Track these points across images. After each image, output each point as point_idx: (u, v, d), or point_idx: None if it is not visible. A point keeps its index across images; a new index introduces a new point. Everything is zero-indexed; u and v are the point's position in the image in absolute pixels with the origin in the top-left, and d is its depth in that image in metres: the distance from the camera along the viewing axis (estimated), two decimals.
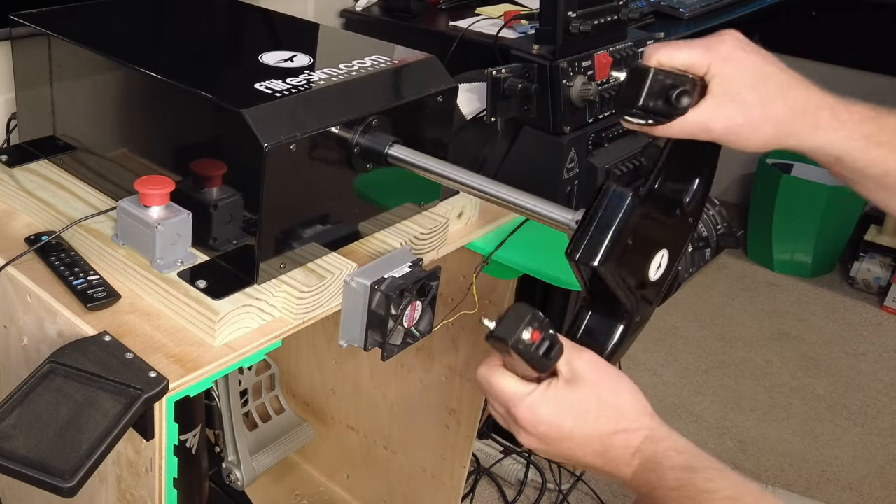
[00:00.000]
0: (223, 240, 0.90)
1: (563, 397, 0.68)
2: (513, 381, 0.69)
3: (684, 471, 0.65)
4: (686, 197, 0.75)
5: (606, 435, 0.68)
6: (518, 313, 0.65)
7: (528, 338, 0.65)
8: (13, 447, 0.68)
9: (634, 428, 0.68)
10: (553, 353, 0.67)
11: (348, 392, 1.61)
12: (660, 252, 0.73)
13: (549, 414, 0.68)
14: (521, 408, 0.68)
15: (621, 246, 0.67)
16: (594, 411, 0.68)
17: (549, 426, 0.68)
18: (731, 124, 0.67)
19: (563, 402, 0.68)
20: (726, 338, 2.47)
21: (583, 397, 0.68)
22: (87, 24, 1.09)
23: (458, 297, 1.15)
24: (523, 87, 1.16)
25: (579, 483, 1.86)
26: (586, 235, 0.68)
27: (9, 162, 1.07)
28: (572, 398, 0.68)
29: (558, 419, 0.68)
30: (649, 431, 0.68)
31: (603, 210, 0.68)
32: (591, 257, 0.67)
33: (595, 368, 0.69)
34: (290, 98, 0.85)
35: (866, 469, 2.02)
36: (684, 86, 0.66)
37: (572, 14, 1.15)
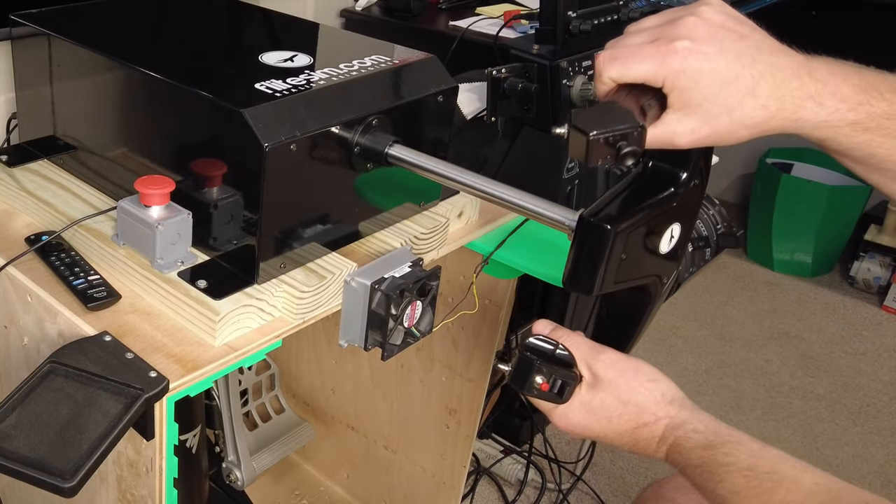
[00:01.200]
0: (223, 240, 0.90)
1: (587, 403, 0.78)
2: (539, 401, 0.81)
3: (704, 449, 0.72)
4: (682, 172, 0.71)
5: (630, 430, 0.77)
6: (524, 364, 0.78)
7: (539, 384, 0.78)
8: (13, 447, 0.68)
9: (654, 420, 0.76)
10: (566, 393, 0.79)
11: (348, 392, 1.61)
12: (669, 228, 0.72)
13: (579, 419, 0.79)
14: (554, 417, 0.80)
15: (614, 266, 0.69)
16: (616, 411, 0.77)
17: (582, 429, 0.79)
18: (697, 137, 0.63)
19: (588, 408, 0.78)
20: (726, 337, 2.47)
21: (605, 399, 0.78)
22: (87, 24, 1.09)
23: (459, 297, 1.15)
24: (523, 87, 1.16)
25: (579, 483, 1.86)
26: (578, 268, 0.70)
27: (9, 162, 1.07)
28: (595, 402, 0.78)
29: (587, 423, 0.78)
30: (669, 419, 0.76)
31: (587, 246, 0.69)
32: (589, 289, 0.70)
33: (612, 367, 0.78)
34: (290, 98, 0.85)
35: (866, 468, 2.02)
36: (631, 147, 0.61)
37: (572, 14, 1.15)
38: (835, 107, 0.62)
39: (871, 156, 0.65)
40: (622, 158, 0.60)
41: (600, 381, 0.79)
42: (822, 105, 0.62)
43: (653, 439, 0.77)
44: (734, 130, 0.62)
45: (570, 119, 0.62)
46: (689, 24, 0.62)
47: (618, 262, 0.68)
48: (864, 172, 0.68)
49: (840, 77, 0.62)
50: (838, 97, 0.62)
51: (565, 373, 0.79)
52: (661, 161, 0.70)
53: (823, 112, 0.62)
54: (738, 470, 0.69)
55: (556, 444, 1.88)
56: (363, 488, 1.67)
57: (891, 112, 0.63)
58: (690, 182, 0.70)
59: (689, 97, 0.62)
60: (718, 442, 0.72)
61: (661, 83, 0.62)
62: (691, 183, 0.70)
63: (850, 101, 0.62)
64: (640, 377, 0.78)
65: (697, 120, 0.62)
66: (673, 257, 0.74)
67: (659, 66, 0.62)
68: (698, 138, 0.63)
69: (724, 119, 0.62)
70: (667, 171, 0.70)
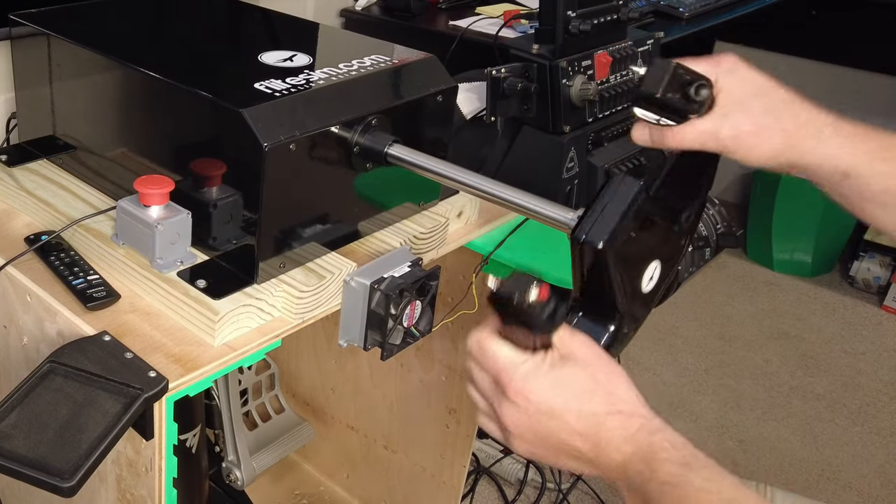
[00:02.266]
0: (223, 239, 0.90)
1: (557, 371, 0.65)
2: (507, 347, 0.65)
3: (681, 466, 0.61)
4: (683, 214, 0.76)
5: (601, 414, 0.64)
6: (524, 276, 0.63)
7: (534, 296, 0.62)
8: (13, 447, 0.68)
9: (629, 413, 0.64)
10: (557, 318, 0.64)
11: (348, 392, 1.61)
12: (653, 263, 0.74)
13: (544, 386, 0.64)
14: (516, 377, 0.64)
15: (626, 233, 0.68)
16: (589, 389, 0.65)
17: (541, 399, 0.64)
18: (740, 132, 0.69)
19: (558, 376, 0.65)
20: (726, 337, 2.47)
21: (578, 374, 0.65)
22: (86, 23, 1.09)
23: (458, 296, 1.15)
24: (523, 87, 1.16)
25: (579, 483, 1.86)
26: (594, 217, 0.68)
27: (8, 162, 1.07)
28: (567, 373, 0.65)
29: (552, 392, 0.64)
30: (645, 420, 0.64)
31: (612, 195, 0.68)
32: (598, 238, 0.66)
33: (590, 349, 0.66)
34: (290, 98, 0.85)
35: (866, 468, 2.02)
36: (703, 80, 0.68)
37: (572, 13, 1.15)
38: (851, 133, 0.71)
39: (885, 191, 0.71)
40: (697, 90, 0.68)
41: (576, 356, 0.66)
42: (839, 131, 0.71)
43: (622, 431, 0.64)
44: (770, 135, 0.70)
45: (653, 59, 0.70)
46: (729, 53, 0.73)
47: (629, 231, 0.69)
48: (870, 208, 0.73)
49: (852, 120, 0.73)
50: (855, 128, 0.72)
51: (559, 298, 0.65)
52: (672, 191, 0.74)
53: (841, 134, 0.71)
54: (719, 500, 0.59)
55: None
56: (363, 488, 1.67)
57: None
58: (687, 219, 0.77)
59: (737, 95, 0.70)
60: (698, 465, 0.62)
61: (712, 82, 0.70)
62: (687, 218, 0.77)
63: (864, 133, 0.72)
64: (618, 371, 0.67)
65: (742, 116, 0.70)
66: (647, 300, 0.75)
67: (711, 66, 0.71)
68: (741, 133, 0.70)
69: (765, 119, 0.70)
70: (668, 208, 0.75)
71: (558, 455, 0.66)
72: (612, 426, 0.63)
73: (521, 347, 0.65)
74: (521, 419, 0.64)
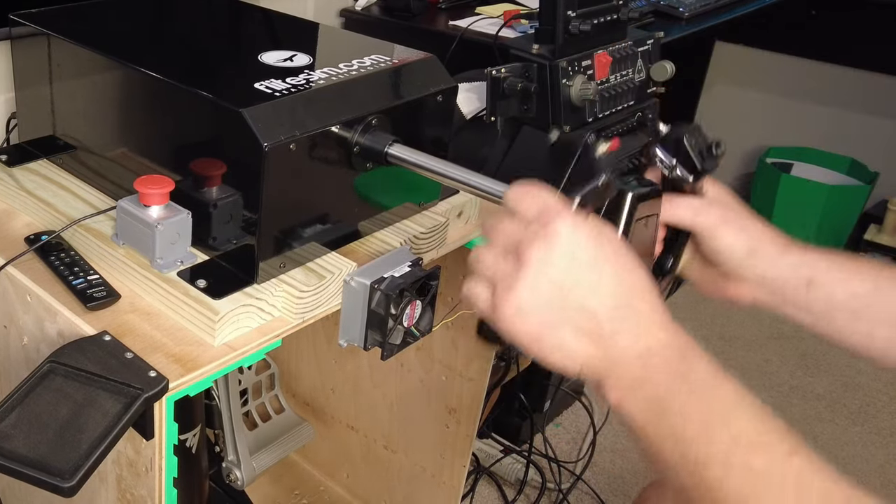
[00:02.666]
0: (223, 239, 0.90)
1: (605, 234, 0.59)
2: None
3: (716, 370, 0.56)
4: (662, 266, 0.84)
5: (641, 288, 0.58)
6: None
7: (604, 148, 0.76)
8: (13, 447, 0.68)
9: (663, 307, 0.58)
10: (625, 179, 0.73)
11: (348, 392, 1.61)
12: None
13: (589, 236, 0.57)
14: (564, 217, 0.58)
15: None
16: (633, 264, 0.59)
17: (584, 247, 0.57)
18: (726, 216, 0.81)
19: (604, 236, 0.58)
20: (726, 337, 2.47)
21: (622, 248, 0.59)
22: (86, 23, 1.09)
23: (458, 296, 1.15)
24: (523, 87, 1.16)
25: (579, 483, 1.86)
26: None
27: (8, 162, 1.07)
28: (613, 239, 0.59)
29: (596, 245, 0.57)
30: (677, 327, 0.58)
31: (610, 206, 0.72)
32: None
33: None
34: (290, 97, 0.85)
35: (866, 468, 2.02)
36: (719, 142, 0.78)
37: (572, 13, 1.15)
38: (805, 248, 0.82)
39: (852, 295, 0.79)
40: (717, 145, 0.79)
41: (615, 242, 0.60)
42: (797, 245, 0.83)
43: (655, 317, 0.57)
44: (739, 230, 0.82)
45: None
46: None
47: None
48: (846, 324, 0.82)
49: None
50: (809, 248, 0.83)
51: None
52: None
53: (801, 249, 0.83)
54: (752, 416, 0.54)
55: (556, 444, 1.88)
56: (363, 488, 1.67)
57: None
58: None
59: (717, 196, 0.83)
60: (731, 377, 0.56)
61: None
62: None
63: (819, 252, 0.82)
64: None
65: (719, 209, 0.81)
66: None
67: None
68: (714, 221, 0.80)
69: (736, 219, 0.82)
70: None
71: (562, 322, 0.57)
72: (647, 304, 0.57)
73: None
74: (552, 257, 0.57)
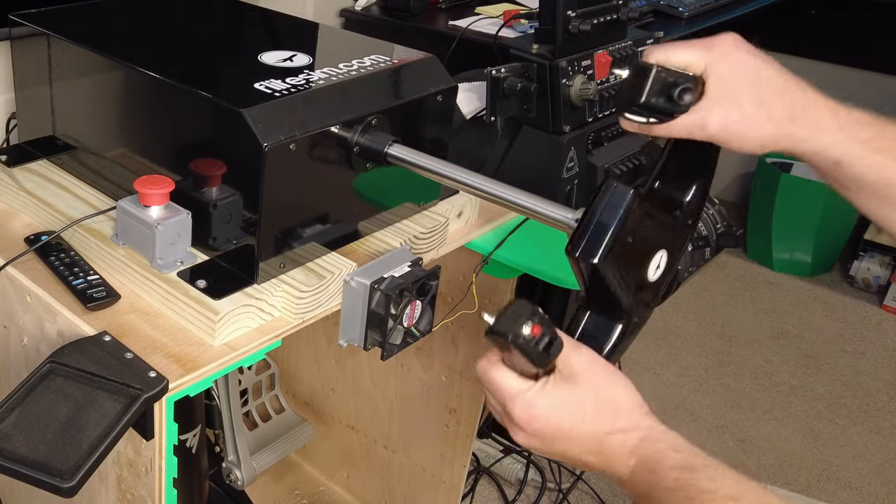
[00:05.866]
0: (223, 239, 0.90)
1: (559, 395, 0.67)
2: (511, 376, 0.68)
3: (683, 470, 0.64)
4: (685, 198, 0.75)
5: (602, 434, 0.67)
6: (518, 308, 0.64)
7: (528, 332, 0.64)
8: (13, 447, 0.68)
9: (631, 427, 0.67)
10: (553, 350, 0.66)
11: (348, 392, 1.61)
12: (659, 253, 0.73)
13: (545, 412, 0.67)
14: (518, 405, 0.67)
15: (621, 244, 0.67)
16: (590, 410, 0.67)
17: (545, 424, 0.67)
18: (728, 122, 0.67)
19: (559, 400, 0.67)
20: (726, 337, 2.47)
21: (579, 395, 0.67)
22: (86, 23, 1.09)
23: (458, 296, 1.15)
24: (523, 87, 1.16)
25: (579, 482, 1.86)
26: (587, 232, 0.67)
27: (8, 162, 1.07)
28: (569, 396, 0.67)
29: (554, 417, 0.67)
30: (646, 431, 0.67)
31: (604, 207, 0.67)
32: (591, 254, 0.67)
33: (592, 365, 0.68)
34: (290, 98, 0.85)
35: (866, 468, 2.02)
36: (686, 83, 0.66)
37: (572, 13, 1.15)
38: (846, 118, 0.68)
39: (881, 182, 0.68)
40: (681, 94, 0.66)
41: (577, 375, 0.68)
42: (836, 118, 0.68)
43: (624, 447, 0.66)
44: (759, 126, 0.67)
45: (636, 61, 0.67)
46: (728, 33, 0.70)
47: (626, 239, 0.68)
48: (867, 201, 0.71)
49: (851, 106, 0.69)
50: (852, 115, 0.68)
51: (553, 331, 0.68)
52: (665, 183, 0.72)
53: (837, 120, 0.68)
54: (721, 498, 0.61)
55: None
56: (363, 488, 1.67)
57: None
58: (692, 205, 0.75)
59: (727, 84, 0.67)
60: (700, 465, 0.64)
61: (702, 68, 0.68)
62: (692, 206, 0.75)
63: (862, 120, 0.68)
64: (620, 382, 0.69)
65: (731, 106, 0.67)
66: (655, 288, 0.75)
67: (704, 50, 0.68)
68: (729, 124, 0.67)
69: (754, 109, 0.67)
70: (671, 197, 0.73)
71: (576, 463, 0.69)
72: (614, 443, 0.66)
73: (524, 374, 0.67)
74: (531, 442, 0.68)
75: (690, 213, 0.76)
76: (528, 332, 0.64)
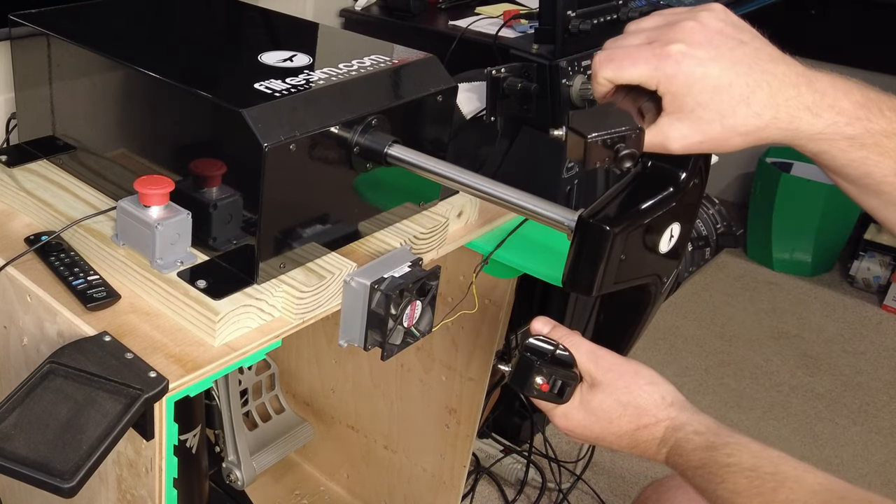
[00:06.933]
0: (223, 240, 0.90)
1: (587, 404, 0.78)
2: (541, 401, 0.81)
3: (705, 450, 0.72)
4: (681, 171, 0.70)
5: (631, 432, 0.77)
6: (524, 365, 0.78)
7: (539, 384, 0.78)
8: (13, 447, 0.68)
9: (654, 422, 0.76)
10: (566, 393, 0.79)
11: (348, 392, 1.61)
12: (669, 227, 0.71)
13: (579, 420, 0.79)
14: (555, 418, 0.81)
15: (614, 266, 0.68)
16: (616, 413, 0.77)
17: (582, 430, 0.79)
18: (689, 143, 0.63)
19: (588, 409, 0.78)
20: (726, 337, 2.47)
21: (604, 401, 0.78)
22: (86, 23, 1.09)
23: (458, 296, 1.15)
24: (523, 87, 1.16)
25: (579, 483, 1.86)
26: (577, 269, 0.69)
27: (8, 162, 1.07)
28: (595, 404, 0.78)
29: (588, 423, 0.79)
30: (669, 421, 0.76)
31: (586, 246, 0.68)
32: (588, 290, 0.70)
33: (611, 370, 0.78)
34: (290, 98, 0.85)
35: (866, 468, 2.02)
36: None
37: (572, 13, 1.15)
38: (832, 119, 0.61)
39: (866, 175, 0.63)
40: (620, 161, 0.61)
41: (599, 383, 0.79)
42: (818, 116, 0.61)
43: (653, 441, 0.77)
44: (727, 137, 0.62)
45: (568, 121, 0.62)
46: (687, 29, 0.62)
47: (617, 262, 0.68)
48: (857, 195, 0.67)
49: (841, 90, 0.61)
50: (836, 110, 0.61)
51: (565, 373, 0.79)
52: (660, 161, 0.69)
53: (819, 124, 0.61)
54: (740, 471, 0.69)
55: (556, 444, 1.88)
56: (363, 488, 1.67)
57: (890, 130, 0.61)
58: (689, 182, 0.69)
59: (682, 102, 0.61)
60: (720, 443, 0.72)
61: (655, 86, 0.62)
62: (690, 183, 0.70)
63: (848, 115, 0.61)
64: (640, 380, 0.78)
65: (689, 125, 0.62)
66: (673, 256, 0.74)
67: (653, 70, 0.62)
68: (690, 144, 0.63)
69: (717, 125, 0.61)
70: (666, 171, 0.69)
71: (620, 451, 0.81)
72: (643, 439, 0.77)
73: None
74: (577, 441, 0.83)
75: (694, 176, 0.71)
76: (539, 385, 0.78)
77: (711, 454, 0.72)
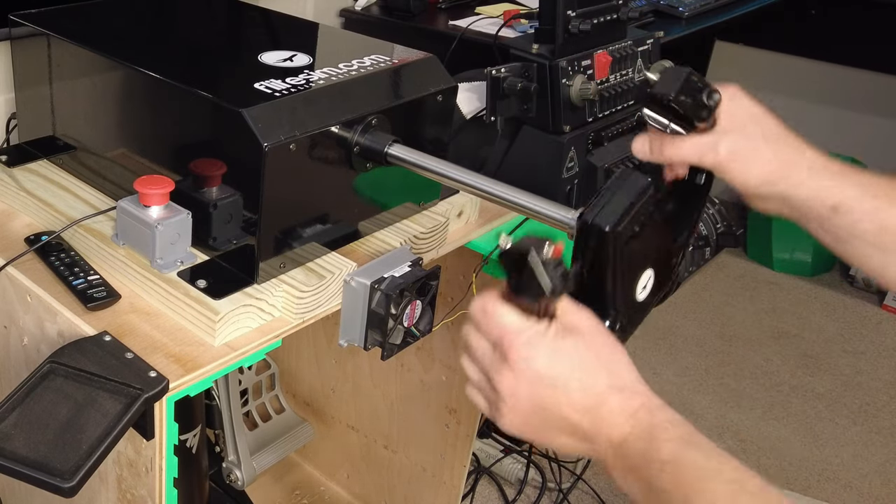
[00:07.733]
0: (223, 239, 0.90)
1: (562, 341, 0.63)
2: (514, 313, 0.63)
3: (681, 444, 0.61)
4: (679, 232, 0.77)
5: (603, 389, 0.63)
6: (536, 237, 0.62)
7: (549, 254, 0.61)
8: (13, 447, 0.68)
9: (631, 390, 0.64)
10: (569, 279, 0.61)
11: (348, 392, 1.61)
12: (648, 272, 0.73)
13: (547, 353, 0.63)
14: (519, 341, 0.63)
15: (631, 225, 0.68)
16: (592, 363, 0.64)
17: (544, 366, 0.63)
18: (737, 149, 0.70)
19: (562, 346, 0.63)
20: (726, 336, 2.47)
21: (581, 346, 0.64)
22: (86, 23, 1.09)
23: (458, 296, 1.15)
24: (523, 87, 1.16)
25: (579, 482, 1.86)
26: (602, 202, 0.68)
27: (9, 162, 1.07)
28: (571, 344, 0.63)
29: (555, 360, 0.63)
30: (646, 399, 0.63)
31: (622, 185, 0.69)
32: (606, 221, 0.66)
33: (595, 324, 0.66)
34: (290, 98, 0.85)
35: (866, 468, 2.02)
36: (714, 90, 0.70)
37: (572, 13, 1.15)
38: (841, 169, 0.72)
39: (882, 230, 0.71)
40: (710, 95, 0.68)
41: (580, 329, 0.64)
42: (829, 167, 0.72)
43: (623, 410, 0.63)
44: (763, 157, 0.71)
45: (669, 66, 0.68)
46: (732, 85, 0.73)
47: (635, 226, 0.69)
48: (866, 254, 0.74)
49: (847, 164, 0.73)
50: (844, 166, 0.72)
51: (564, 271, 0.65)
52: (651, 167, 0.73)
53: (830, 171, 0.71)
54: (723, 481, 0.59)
55: None
56: (363, 488, 1.67)
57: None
58: None
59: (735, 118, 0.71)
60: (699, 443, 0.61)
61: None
62: None
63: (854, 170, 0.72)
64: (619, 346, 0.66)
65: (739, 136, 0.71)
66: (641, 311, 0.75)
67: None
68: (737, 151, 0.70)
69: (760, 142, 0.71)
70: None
71: (551, 430, 0.64)
72: (613, 402, 0.63)
73: (526, 314, 0.63)
74: (519, 387, 0.63)
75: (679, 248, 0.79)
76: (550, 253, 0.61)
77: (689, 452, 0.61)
